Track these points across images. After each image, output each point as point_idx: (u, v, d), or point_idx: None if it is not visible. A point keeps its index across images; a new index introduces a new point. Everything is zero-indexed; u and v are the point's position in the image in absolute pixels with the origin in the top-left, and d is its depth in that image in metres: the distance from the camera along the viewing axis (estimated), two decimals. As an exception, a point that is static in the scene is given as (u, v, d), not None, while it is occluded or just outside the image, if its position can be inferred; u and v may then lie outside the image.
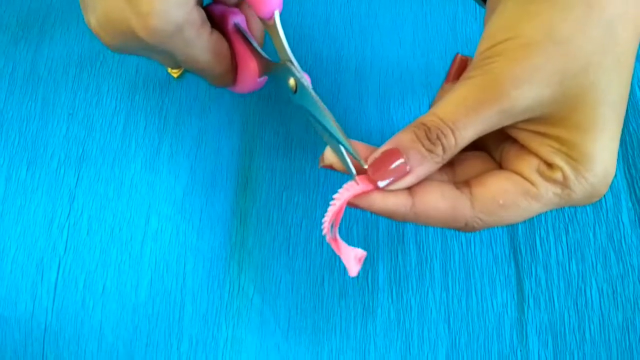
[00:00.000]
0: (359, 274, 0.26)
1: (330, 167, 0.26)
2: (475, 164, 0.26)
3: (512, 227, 0.35)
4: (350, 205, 0.24)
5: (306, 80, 0.27)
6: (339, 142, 0.25)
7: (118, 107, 0.38)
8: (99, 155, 0.37)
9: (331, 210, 0.24)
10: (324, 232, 0.25)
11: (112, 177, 0.36)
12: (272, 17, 0.27)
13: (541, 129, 0.23)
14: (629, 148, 0.37)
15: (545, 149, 0.23)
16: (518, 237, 0.35)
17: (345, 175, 0.25)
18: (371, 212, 0.25)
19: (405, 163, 0.23)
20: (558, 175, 0.23)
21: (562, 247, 0.35)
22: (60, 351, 0.33)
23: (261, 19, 0.28)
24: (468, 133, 0.22)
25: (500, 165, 0.26)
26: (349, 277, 0.34)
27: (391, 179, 0.23)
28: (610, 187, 0.36)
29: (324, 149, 0.36)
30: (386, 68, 0.39)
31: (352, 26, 0.40)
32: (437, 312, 0.33)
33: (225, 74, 0.29)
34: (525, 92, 0.21)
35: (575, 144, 0.22)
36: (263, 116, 0.38)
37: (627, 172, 0.36)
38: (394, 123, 0.37)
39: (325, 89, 0.38)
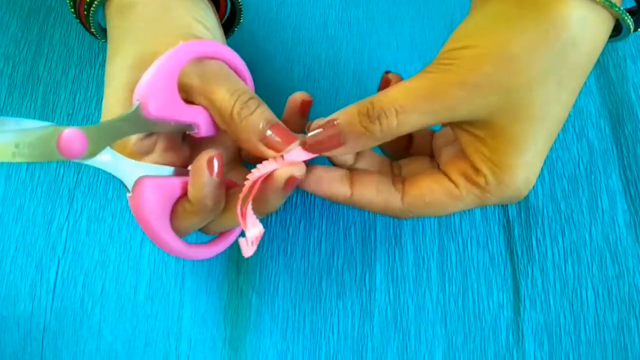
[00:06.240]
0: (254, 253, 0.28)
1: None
2: (417, 164, 0.29)
3: (508, 229, 0.35)
4: (300, 186, 0.27)
5: None
6: None
7: (117, 108, 0.38)
8: (99, 156, 0.37)
9: (250, 180, 0.25)
10: (238, 203, 0.26)
11: (111, 177, 0.36)
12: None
13: (481, 133, 0.25)
14: (624, 150, 0.37)
15: (478, 155, 0.25)
16: (514, 238, 0.35)
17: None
18: (313, 194, 0.27)
19: (340, 135, 0.25)
20: (481, 180, 0.25)
21: (558, 249, 0.35)
22: (59, 351, 0.33)
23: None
24: (412, 118, 0.24)
25: (438, 165, 0.28)
26: (347, 277, 0.34)
27: (322, 146, 0.26)
28: (606, 188, 0.36)
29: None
30: (384, 71, 0.39)
31: (350, 29, 0.41)
32: (433, 313, 0.34)
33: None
34: (471, 95, 0.23)
35: (504, 154, 0.25)
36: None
37: (622, 174, 0.36)
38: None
39: (323, 91, 0.39)
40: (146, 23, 0.28)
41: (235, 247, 0.35)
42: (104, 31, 0.31)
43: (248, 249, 0.26)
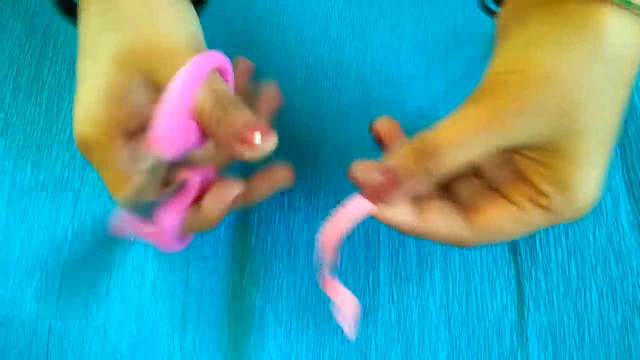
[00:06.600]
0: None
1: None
2: (469, 187, 0.28)
3: (511, 230, 0.35)
4: (372, 214, 0.26)
5: None
6: None
7: (121, 110, 0.38)
8: (103, 158, 0.37)
9: (327, 237, 0.25)
10: (322, 271, 0.26)
11: (116, 180, 0.36)
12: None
13: (538, 156, 0.24)
14: (627, 151, 0.37)
15: (539, 177, 0.25)
16: (518, 240, 0.35)
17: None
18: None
19: (397, 180, 0.24)
20: (549, 203, 0.25)
21: (561, 250, 0.35)
22: (64, 352, 0.33)
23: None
24: (469, 151, 0.24)
25: (494, 187, 0.27)
26: (350, 279, 0.34)
27: (383, 195, 0.25)
28: (610, 189, 0.36)
29: (324, 153, 0.37)
30: (386, 73, 0.39)
31: (352, 30, 0.41)
32: (437, 315, 0.34)
33: None
34: (527, 120, 0.23)
35: (567, 173, 0.24)
36: (265, 119, 0.38)
37: (625, 175, 0.36)
38: (394, 126, 0.37)
39: (325, 92, 0.39)
40: (131, 13, 0.26)
41: (239, 248, 0.35)
42: (70, 13, 0.29)
43: (351, 329, 0.26)
